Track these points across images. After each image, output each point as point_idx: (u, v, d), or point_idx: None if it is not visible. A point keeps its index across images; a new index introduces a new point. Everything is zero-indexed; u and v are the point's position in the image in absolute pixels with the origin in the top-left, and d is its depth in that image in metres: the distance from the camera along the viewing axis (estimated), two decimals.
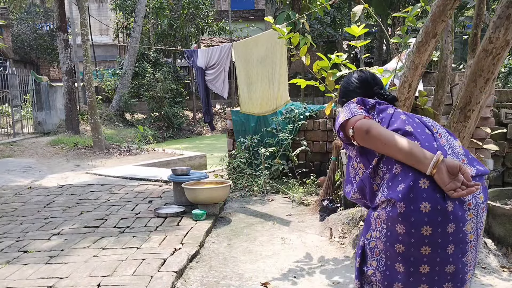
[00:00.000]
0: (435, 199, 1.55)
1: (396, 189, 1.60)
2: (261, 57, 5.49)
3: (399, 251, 1.60)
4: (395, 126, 1.71)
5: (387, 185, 1.65)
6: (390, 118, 1.76)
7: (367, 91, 1.98)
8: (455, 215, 1.55)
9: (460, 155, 1.70)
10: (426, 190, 1.56)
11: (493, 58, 2.84)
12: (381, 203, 1.65)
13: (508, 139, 4.84)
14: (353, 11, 3.40)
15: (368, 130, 1.67)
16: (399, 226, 1.58)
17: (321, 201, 4.85)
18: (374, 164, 1.71)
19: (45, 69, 22.94)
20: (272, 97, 5.47)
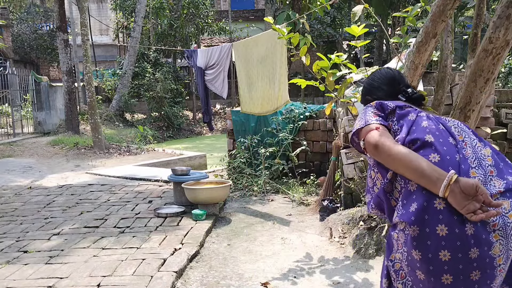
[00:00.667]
0: (452, 222, 1.40)
1: (409, 209, 1.47)
2: (261, 57, 5.49)
3: (420, 278, 1.47)
4: (414, 136, 1.56)
5: (401, 203, 1.53)
6: (410, 126, 1.61)
7: (392, 89, 1.86)
8: (477, 239, 1.39)
9: (488, 166, 1.52)
10: (442, 212, 1.42)
11: (493, 58, 2.83)
12: (399, 224, 1.52)
13: (508, 139, 4.84)
14: (353, 11, 3.40)
15: (376, 146, 1.56)
16: (414, 252, 1.45)
17: (321, 201, 4.85)
18: (389, 177, 1.58)
19: (45, 69, 22.94)
20: (273, 97, 5.47)
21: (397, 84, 1.88)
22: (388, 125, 1.67)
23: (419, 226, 1.43)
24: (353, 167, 4.73)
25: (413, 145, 1.55)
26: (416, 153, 1.50)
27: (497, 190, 1.46)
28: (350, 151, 4.77)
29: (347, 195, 4.79)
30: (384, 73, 1.91)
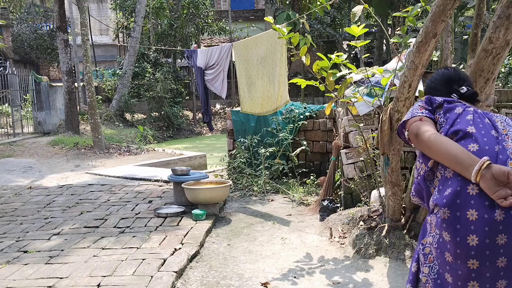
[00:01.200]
0: (482, 207, 1.44)
1: (444, 193, 1.54)
2: (261, 57, 5.49)
3: (448, 260, 1.53)
4: (457, 127, 1.64)
5: (437, 188, 1.61)
6: (455, 118, 1.68)
7: (447, 89, 1.92)
8: (506, 225, 1.43)
9: None
10: (473, 197, 1.47)
11: (493, 58, 2.84)
12: (434, 207, 1.60)
13: None
14: (353, 11, 3.40)
15: (417, 134, 1.65)
16: (445, 233, 1.52)
17: (321, 201, 4.85)
18: (430, 166, 1.66)
19: (45, 69, 22.94)
20: (273, 97, 5.47)
21: (452, 84, 1.94)
22: (435, 118, 1.75)
23: (450, 209, 1.49)
24: (353, 167, 4.73)
25: (455, 135, 1.62)
26: (454, 142, 1.57)
27: None
28: (350, 151, 4.77)
29: (347, 195, 4.79)
30: (441, 73, 2.00)
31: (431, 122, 1.71)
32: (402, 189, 3.55)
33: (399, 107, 3.20)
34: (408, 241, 3.49)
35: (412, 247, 3.45)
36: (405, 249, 3.46)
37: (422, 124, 1.68)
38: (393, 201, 3.57)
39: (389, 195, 3.56)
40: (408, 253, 3.43)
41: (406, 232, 3.56)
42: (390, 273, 3.23)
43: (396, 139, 3.29)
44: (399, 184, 3.49)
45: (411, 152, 4.73)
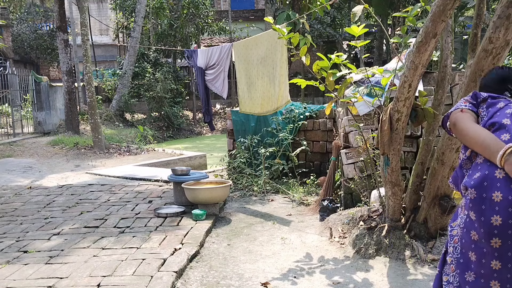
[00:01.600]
0: (507, 190, 1.53)
1: (473, 177, 1.65)
2: (261, 57, 5.49)
3: (474, 239, 1.61)
4: (495, 120, 1.74)
5: (468, 173, 1.71)
6: (495, 112, 1.77)
7: (500, 87, 1.98)
8: None
9: None
10: (500, 180, 1.56)
11: (493, 58, 2.84)
12: (464, 191, 1.70)
13: None
14: (353, 11, 3.40)
15: (454, 123, 1.80)
16: (471, 213, 1.62)
17: (321, 201, 4.85)
18: (468, 155, 1.77)
19: (45, 69, 22.94)
20: (273, 97, 5.47)
21: (505, 83, 2.00)
22: (478, 111, 1.85)
23: (477, 190, 1.60)
24: (353, 167, 4.73)
25: (492, 127, 1.72)
26: (486, 130, 1.70)
27: None
28: (350, 151, 4.77)
29: (347, 195, 4.79)
30: (495, 73, 2.08)
31: (472, 114, 1.83)
32: (402, 189, 3.55)
33: (399, 107, 3.20)
34: (408, 241, 3.49)
35: (412, 247, 3.45)
36: (405, 249, 3.46)
37: (462, 114, 1.81)
38: (393, 201, 3.57)
39: (389, 195, 3.56)
40: (408, 253, 3.43)
41: (406, 232, 3.56)
42: (390, 273, 3.23)
43: (396, 139, 3.29)
44: (399, 184, 3.49)
45: (411, 152, 4.74)
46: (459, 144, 3.21)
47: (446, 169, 3.32)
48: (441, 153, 3.31)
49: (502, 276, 1.55)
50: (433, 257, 3.34)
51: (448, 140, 3.24)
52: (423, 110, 3.38)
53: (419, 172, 3.64)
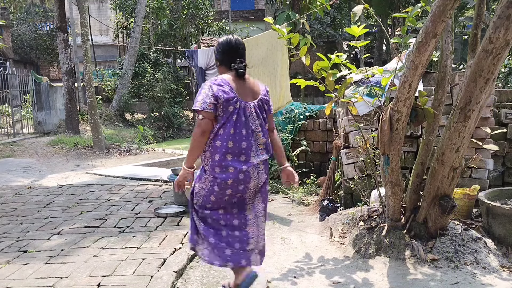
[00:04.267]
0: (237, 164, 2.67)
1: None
2: (262, 57, 5.49)
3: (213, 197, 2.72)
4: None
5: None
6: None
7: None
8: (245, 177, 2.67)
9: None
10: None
11: (493, 58, 2.84)
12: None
13: (508, 139, 4.84)
14: (353, 11, 3.40)
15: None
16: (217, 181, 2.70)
17: (321, 201, 4.85)
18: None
19: (45, 69, 22.94)
20: (275, 97, 5.47)
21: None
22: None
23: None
24: (353, 167, 4.73)
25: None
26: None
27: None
28: (350, 151, 4.78)
29: (347, 195, 4.79)
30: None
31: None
32: (402, 189, 3.55)
33: (399, 107, 3.21)
34: (408, 241, 3.49)
35: (412, 246, 3.45)
36: (405, 249, 3.46)
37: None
38: (393, 201, 3.58)
39: (389, 195, 3.57)
40: (408, 253, 3.43)
41: (406, 232, 3.56)
42: (390, 272, 3.23)
43: (396, 139, 3.30)
44: (399, 184, 3.49)
45: (411, 152, 4.74)
46: (459, 144, 3.22)
47: (446, 169, 3.33)
48: (441, 153, 3.31)
49: (227, 203, 2.75)
50: (433, 257, 3.34)
51: (448, 140, 3.25)
52: (423, 110, 3.38)
53: (419, 172, 3.64)
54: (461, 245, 3.43)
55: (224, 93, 2.61)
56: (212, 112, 2.59)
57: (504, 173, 4.87)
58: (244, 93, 2.72)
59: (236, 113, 2.64)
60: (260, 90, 2.82)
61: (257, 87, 2.82)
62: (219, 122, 2.64)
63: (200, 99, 2.59)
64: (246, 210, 2.82)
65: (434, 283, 3.04)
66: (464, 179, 4.52)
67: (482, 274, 3.16)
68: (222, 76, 2.72)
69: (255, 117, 2.72)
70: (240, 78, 2.74)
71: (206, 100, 2.59)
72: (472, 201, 4.13)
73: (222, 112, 2.63)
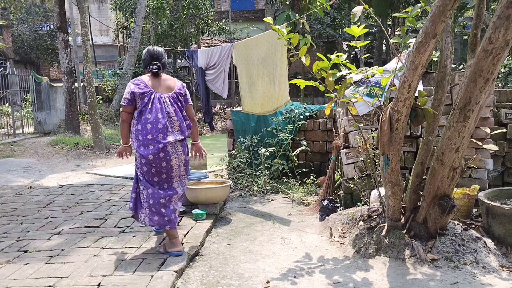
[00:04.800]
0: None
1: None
2: (262, 57, 5.50)
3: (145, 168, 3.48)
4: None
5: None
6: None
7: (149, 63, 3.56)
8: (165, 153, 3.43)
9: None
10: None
11: (493, 59, 2.84)
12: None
13: (508, 139, 4.85)
14: (353, 12, 3.41)
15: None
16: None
17: (321, 201, 4.86)
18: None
19: (45, 69, 22.97)
20: (273, 97, 5.48)
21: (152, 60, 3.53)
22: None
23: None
24: (353, 167, 4.74)
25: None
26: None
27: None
28: (350, 151, 4.78)
29: (347, 195, 4.80)
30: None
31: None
32: (402, 189, 3.56)
33: (399, 107, 3.21)
34: (408, 240, 3.50)
35: (412, 246, 3.46)
36: (405, 249, 3.47)
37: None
38: (393, 201, 3.58)
39: (389, 195, 3.57)
40: (407, 253, 3.43)
41: (406, 231, 3.57)
42: (390, 272, 3.24)
43: (396, 139, 3.30)
44: (399, 184, 3.49)
45: (411, 152, 4.74)
46: (459, 144, 3.22)
47: (446, 169, 3.33)
48: (440, 153, 3.31)
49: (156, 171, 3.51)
50: (433, 257, 3.35)
51: (447, 140, 3.25)
52: (423, 110, 3.39)
53: (419, 172, 3.64)
54: (461, 245, 3.43)
55: (140, 89, 3.39)
56: (128, 105, 3.41)
57: (504, 173, 4.87)
58: (159, 87, 3.49)
59: (151, 102, 3.39)
60: (175, 85, 3.58)
61: (172, 83, 3.57)
62: (138, 110, 3.41)
63: (123, 97, 3.42)
64: (172, 183, 3.55)
65: (434, 283, 3.04)
66: (464, 179, 4.52)
67: (482, 274, 3.17)
68: (141, 76, 3.53)
69: (169, 105, 3.47)
70: (155, 76, 3.52)
71: (125, 96, 3.41)
72: (472, 201, 4.14)
73: (140, 103, 3.41)
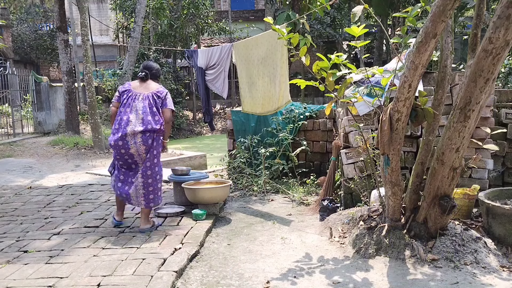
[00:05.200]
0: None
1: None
2: (262, 57, 5.50)
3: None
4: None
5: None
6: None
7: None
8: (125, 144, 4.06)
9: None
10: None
11: (493, 58, 2.84)
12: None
13: (508, 139, 4.84)
14: (353, 12, 3.40)
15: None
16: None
17: (321, 201, 4.85)
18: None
19: (45, 69, 22.95)
20: (274, 97, 5.47)
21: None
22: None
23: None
24: (353, 167, 4.73)
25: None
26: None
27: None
28: (350, 151, 4.78)
29: (347, 195, 4.80)
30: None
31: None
32: (402, 189, 3.55)
33: (399, 107, 3.21)
34: (408, 240, 3.50)
35: (412, 246, 3.45)
36: (405, 249, 3.46)
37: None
38: (393, 201, 3.58)
39: (389, 195, 3.57)
40: (408, 253, 3.43)
41: (406, 232, 3.56)
42: (390, 272, 3.24)
43: (396, 139, 3.30)
44: (399, 184, 3.49)
45: (411, 152, 4.74)
46: (459, 144, 3.22)
47: (446, 169, 3.33)
48: (441, 153, 3.31)
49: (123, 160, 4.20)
50: (433, 257, 3.35)
51: (448, 140, 3.25)
52: (423, 110, 3.39)
53: (419, 172, 3.64)
54: (461, 245, 3.43)
55: (123, 88, 4.26)
56: (115, 102, 4.29)
57: (504, 173, 4.87)
58: (139, 88, 4.22)
59: (127, 98, 4.16)
60: (155, 88, 4.24)
61: (154, 86, 4.26)
62: (120, 105, 4.24)
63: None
64: (137, 168, 4.18)
65: (434, 283, 3.04)
66: (464, 179, 4.52)
67: (482, 274, 3.17)
68: (129, 83, 4.32)
69: (140, 101, 4.13)
70: (142, 81, 4.27)
71: (115, 95, 4.31)
72: (472, 201, 4.14)
73: (122, 99, 4.22)
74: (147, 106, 4.10)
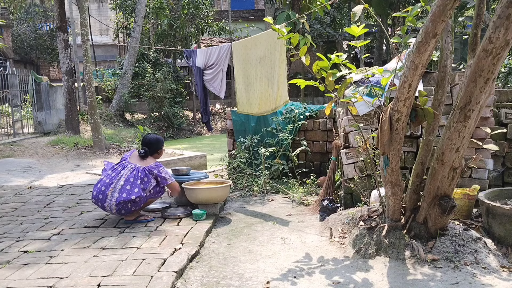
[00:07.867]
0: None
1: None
2: (260, 57, 5.49)
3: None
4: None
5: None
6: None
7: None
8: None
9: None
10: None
11: (493, 58, 2.84)
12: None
13: (508, 139, 4.84)
14: (353, 11, 3.40)
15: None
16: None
17: (321, 201, 4.85)
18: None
19: (45, 69, 22.96)
20: (271, 97, 5.46)
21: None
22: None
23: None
24: (353, 167, 4.73)
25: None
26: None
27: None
28: (350, 151, 4.78)
29: (347, 195, 4.80)
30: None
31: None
32: (402, 189, 3.55)
33: (399, 107, 3.21)
34: (408, 241, 3.49)
35: (412, 247, 3.45)
36: (405, 249, 3.46)
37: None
38: (393, 201, 3.58)
39: (389, 195, 3.57)
40: (408, 253, 3.43)
41: (406, 232, 3.56)
42: (390, 273, 3.23)
43: (396, 139, 3.30)
44: (399, 184, 3.49)
45: (411, 152, 4.74)
46: (459, 144, 3.22)
47: (446, 169, 3.33)
48: (441, 153, 3.31)
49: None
50: (433, 257, 3.34)
51: (448, 140, 3.25)
52: (423, 110, 3.38)
53: (419, 172, 3.64)
54: (461, 245, 3.43)
55: (123, 158, 4.58)
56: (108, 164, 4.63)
57: (504, 173, 4.86)
58: (135, 161, 4.48)
59: (120, 165, 4.44)
60: (149, 164, 4.44)
61: (149, 162, 4.47)
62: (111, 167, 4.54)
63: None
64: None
65: (434, 283, 3.04)
66: (464, 179, 4.52)
67: (482, 274, 3.16)
68: (133, 151, 4.62)
69: (128, 170, 4.35)
70: (140, 155, 4.51)
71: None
72: (472, 201, 4.13)
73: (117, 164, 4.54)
74: (130, 177, 4.31)
